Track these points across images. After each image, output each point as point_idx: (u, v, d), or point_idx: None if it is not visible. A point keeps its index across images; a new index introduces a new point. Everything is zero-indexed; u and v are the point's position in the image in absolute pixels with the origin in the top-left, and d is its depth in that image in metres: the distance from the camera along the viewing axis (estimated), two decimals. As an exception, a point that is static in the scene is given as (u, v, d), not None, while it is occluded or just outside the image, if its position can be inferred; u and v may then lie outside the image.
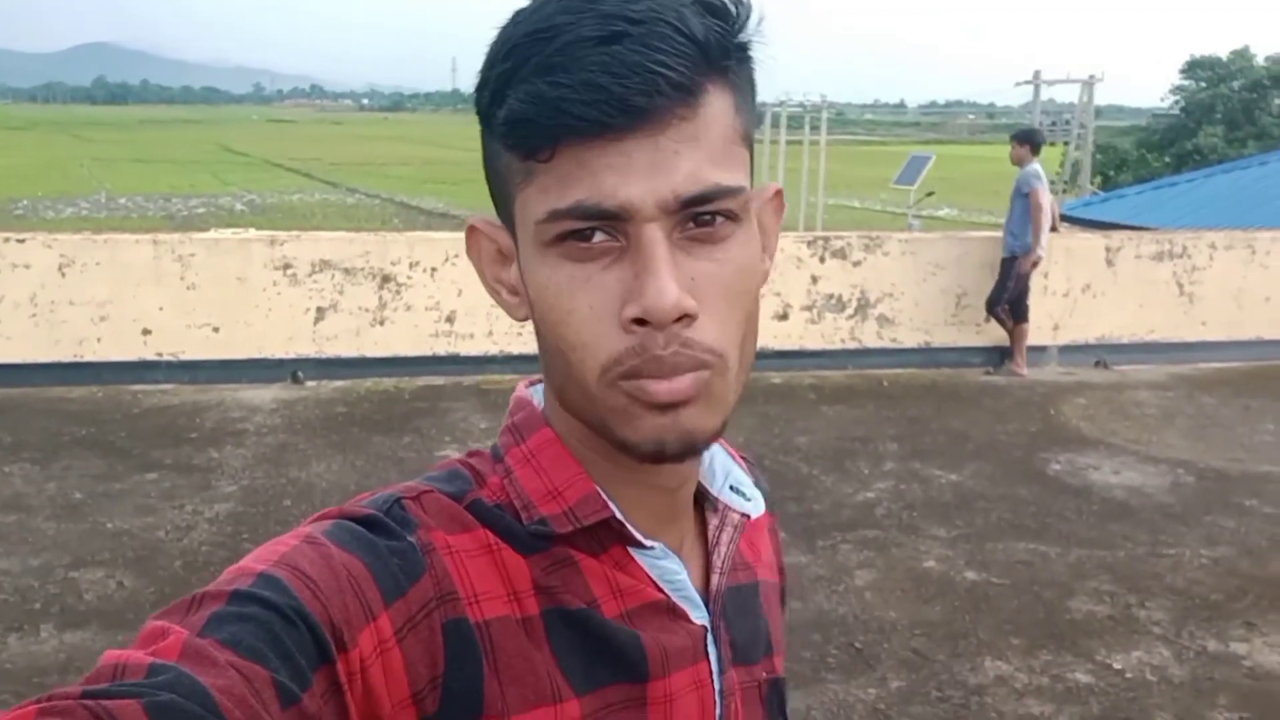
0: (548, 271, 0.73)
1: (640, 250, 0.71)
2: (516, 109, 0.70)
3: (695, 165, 0.71)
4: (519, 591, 0.78)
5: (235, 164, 57.44)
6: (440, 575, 0.75)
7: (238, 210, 34.74)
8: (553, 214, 0.71)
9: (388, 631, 0.70)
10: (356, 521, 0.75)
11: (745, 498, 0.90)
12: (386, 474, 6.57)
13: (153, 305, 8.27)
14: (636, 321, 0.71)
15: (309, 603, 0.67)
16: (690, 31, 0.70)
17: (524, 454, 0.83)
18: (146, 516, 5.90)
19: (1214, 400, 8.90)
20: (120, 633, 4.65)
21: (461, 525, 0.79)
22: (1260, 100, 39.60)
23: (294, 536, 0.73)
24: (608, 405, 0.74)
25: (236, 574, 0.69)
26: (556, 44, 0.69)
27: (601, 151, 0.70)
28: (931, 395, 8.75)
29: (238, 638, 0.63)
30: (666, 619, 0.83)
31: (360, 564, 0.71)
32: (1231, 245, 10.19)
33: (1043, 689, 4.39)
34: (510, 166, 0.75)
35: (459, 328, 8.73)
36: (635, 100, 0.68)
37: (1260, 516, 6.29)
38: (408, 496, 0.79)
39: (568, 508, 0.80)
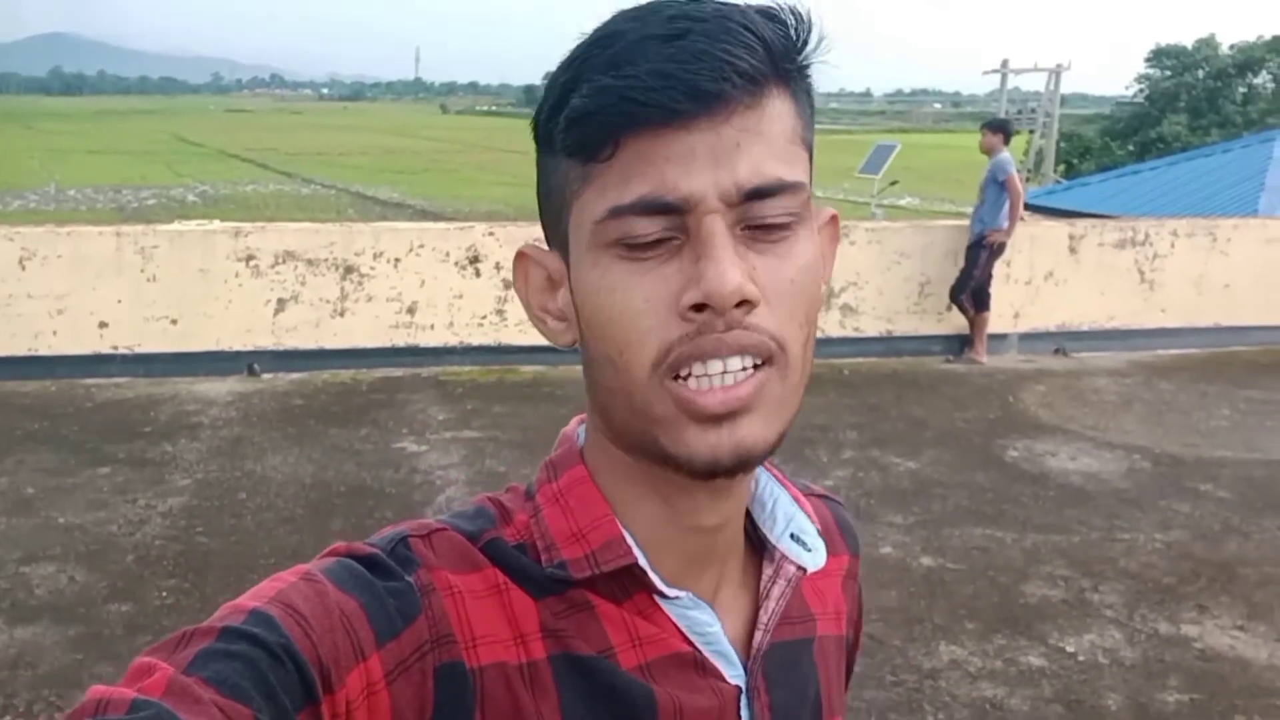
0: (601, 272, 0.71)
1: (700, 240, 0.69)
2: (579, 105, 0.69)
3: (758, 157, 0.69)
4: (525, 635, 0.76)
5: (189, 154, 56.95)
6: (437, 617, 0.73)
7: (189, 201, 34.47)
8: (614, 210, 0.69)
9: (378, 673, 0.69)
10: (358, 560, 0.74)
11: (806, 548, 0.84)
12: (343, 466, 6.54)
13: (111, 298, 8.18)
14: (695, 308, 0.68)
15: (299, 640, 0.66)
16: (756, 30, 0.70)
17: (554, 492, 0.81)
18: (99, 511, 5.84)
19: (1172, 386, 8.98)
20: (71, 627, 4.61)
21: (471, 565, 0.76)
22: (1224, 88, 39.98)
23: (293, 573, 0.72)
24: (655, 413, 0.71)
25: (230, 610, 0.68)
26: (621, 44, 0.69)
27: (665, 143, 0.68)
28: (892, 383, 8.78)
29: (222, 675, 0.62)
30: (693, 674, 0.79)
31: (355, 603, 0.70)
32: (1193, 233, 10.27)
33: (996, 672, 4.42)
34: (568, 175, 0.72)
35: (419, 319, 8.68)
36: (703, 84, 0.67)
37: (1214, 501, 6.35)
38: (416, 535, 0.77)
39: (590, 551, 0.77)
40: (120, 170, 44.55)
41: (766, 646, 0.83)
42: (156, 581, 5.05)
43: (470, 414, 7.62)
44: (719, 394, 0.69)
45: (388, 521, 4.73)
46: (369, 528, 5.62)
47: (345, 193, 39.44)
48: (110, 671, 4.23)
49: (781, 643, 0.85)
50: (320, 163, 51.77)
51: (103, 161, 49.11)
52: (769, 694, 0.83)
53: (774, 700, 0.83)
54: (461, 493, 6.16)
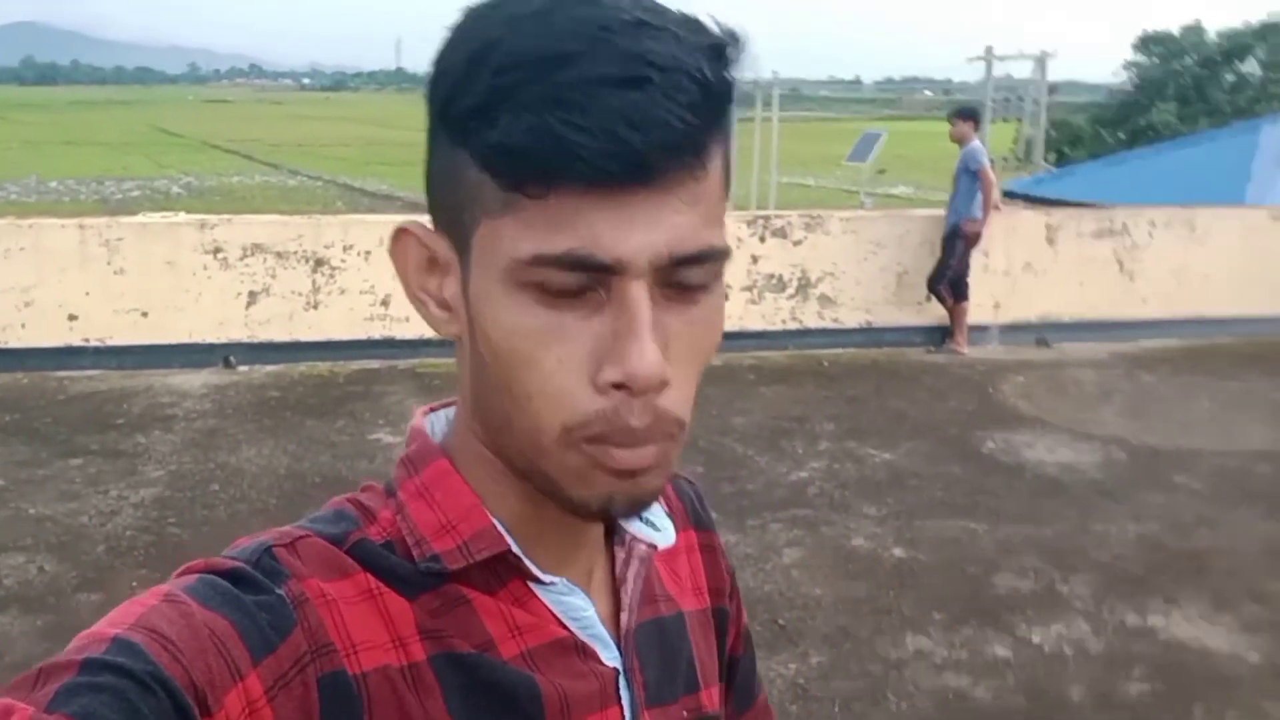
0: (516, 314, 0.68)
1: (624, 308, 0.67)
2: (519, 139, 0.64)
3: (692, 225, 0.67)
4: (403, 638, 0.74)
5: (170, 146, 56.63)
6: (314, 627, 0.70)
7: (174, 193, 34.30)
8: (538, 259, 0.66)
9: (257, 691, 0.66)
10: (221, 575, 0.71)
11: (655, 527, 0.85)
12: (318, 458, 6.53)
13: (79, 290, 8.16)
14: (615, 386, 0.67)
15: (168, 666, 0.62)
16: (707, 82, 0.66)
17: (417, 487, 0.79)
18: (70, 502, 5.83)
19: (1152, 378, 8.98)
20: (40, 617, 4.62)
21: (340, 571, 0.74)
22: (1212, 76, 39.91)
23: (153, 595, 0.68)
24: (562, 464, 0.71)
25: (88, 640, 0.64)
26: (569, 75, 0.64)
27: (601, 202, 0.65)
28: (871, 375, 8.78)
29: (89, 710, 0.59)
30: (575, 659, 0.80)
31: (225, 622, 0.67)
32: (1171, 223, 10.28)
33: (961, 663, 4.43)
34: (482, 188, 0.68)
35: (394, 311, 8.65)
36: (654, 158, 0.64)
37: (1188, 492, 6.36)
38: (280, 544, 0.74)
39: (461, 542, 0.76)
40: (101, 162, 44.31)
41: (634, 626, 0.84)
42: (127, 572, 5.06)
43: (447, 405, 7.60)
44: (627, 454, 0.70)
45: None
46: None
47: (333, 184, 39.32)
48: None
49: (648, 621, 0.86)
50: (305, 154, 51.54)
51: (81, 153, 48.88)
52: (644, 673, 0.84)
53: (648, 678, 0.84)
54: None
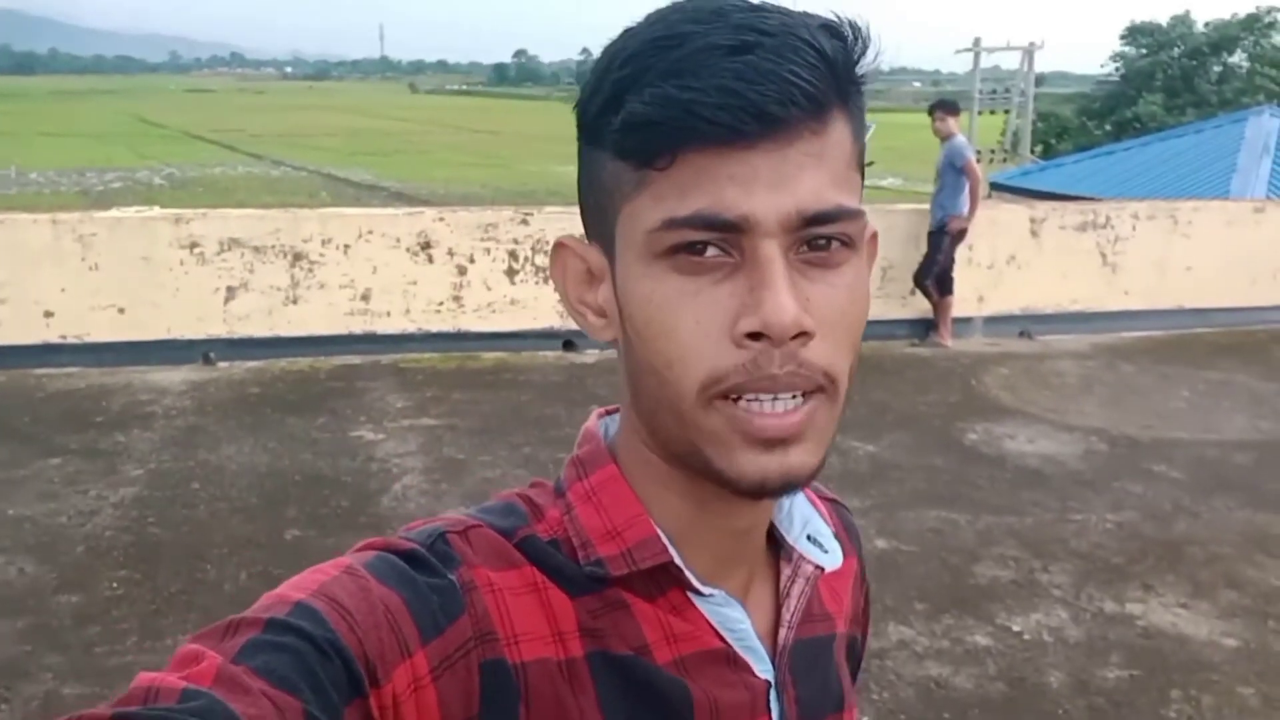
0: (652, 284, 0.71)
1: (757, 265, 0.68)
2: (640, 111, 0.68)
3: (819, 183, 0.69)
4: (563, 633, 0.76)
5: (152, 136, 56.46)
6: (480, 615, 0.73)
7: (156, 184, 34.17)
8: (669, 222, 0.69)
9: (423, 669, 0.69)
10: (398, 555, 0.74)
11: (823, 549, 0.86)
12: (299, 455, 6.51)
13: (54, 286, 8.09)
14: (751, 336, 0.68)
15: (345, 635, 0.66)
16: (821, 47, 0.68)
17: (586, 490, 0.81)
18: (49, 502, 5.80)
19: (1133, 368, 9.03)
20: (20, 619, 4.58)
21: (508, 562, 0.77)
22: (1199, 68, 40.02)
23: (334, 566, 0.72)
24: (704, 429, 0.71)
25: (274, 601, 0.68)
26: (685, 50, 0.67)
27: (725, 161, 0.67)
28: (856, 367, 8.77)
29: (271, 666, 0.63)
30: (726, 669, 0.81)
31: (399, 599, 0.70)
32: (1154, 215, 10.32)
33: (943, 651, 4.46)
34: (619, 176, 0.72)
35: (375, 305, 8.63)
36: (770, 108, 0.66)
37: (1167, 481, 6.40)
38: (453, 531, 0.77)
39: (625, 549, 0.78)
40: (83, 153, 44.16)
41: (791, 643, 0.85)
42: (107, 572, 5.02)
43: (429, 401, 7.60)
44: (772, 420, 0.70)
45: (344, 511, 4.71)
46: (324, 517, 5.65)
47: (317, 174, 39.24)
48: (59, 662, 4.24)
49: (805, 640, 0.87)
50: (288, 144, 51.44)
51: (62, 144, 48.64)
52: (796, 689, 0.85)
53: (800, 694, 0.85)
54: (418, 481, 6.14)
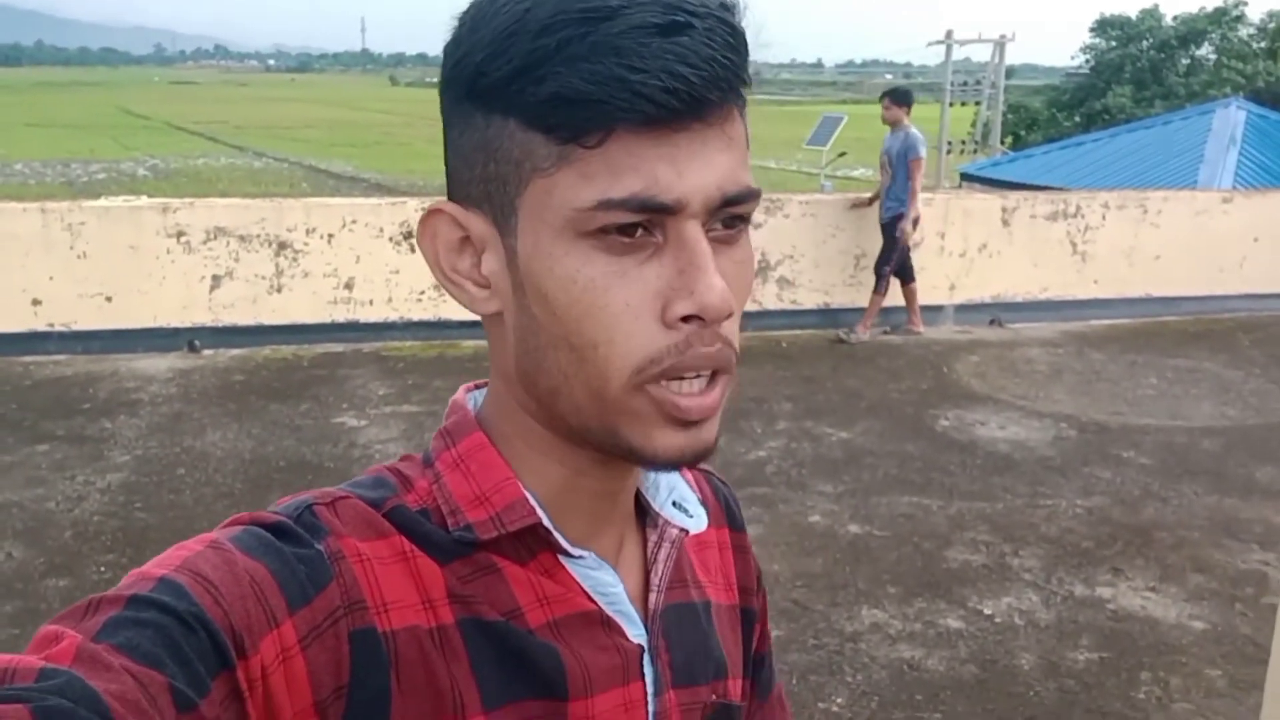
0: (576, 263, 0.70)
1: (685, 247, 0.70)
2: (578, 87, 0.67)
3: (734, 165, 0.71)
4: (433, 600, 0.76)
5: (136, 128, 56.34)
6: (348, 584, 0.73)
7: (140, 175, 34.11)
8: (604, 203, 0.69)
9: (291, 639, 0.69)
10: (265, 528, 0.73)
11: (688, 514, 0.87)
12: (282, 442, 6.58)
13: (42, 275, 8.15)
14: (685, 319, 0.70)
15: (209, 608, 0.65)
16: (738, 30, 0.70)
17: (454, 458, 0.81)
18: (37, 488, 5.86)
19: (1102, 356, 9.16)
20: (9, 603, 4.64)
21: (376, 532, 0.76)
22: (1168, 60, 40.33)
23: (198, 542, 0.71)
24: (626, 410, 0.73)
25: (136, 579, 0.67)
26: (617, 26, 0.67)
27: (657, 141, 0.68)
28: (829, 356, 8.91)
29: (133, 643, 0.62)
30: (600, 632, 0.81)
31: (265, 570, 0.70)
32: (1124, 205, 10.46)
33: (915, 634, 4.56)
34: (530, 148, 0.71)
35: (358, 294, 8.72)
36: (709, 93, 0.68)
37: (1136, 467, 6.53)
38: (321, 503, 0.77)
39: (494, 513, 0.78)
40: (67, 144, 44.01)
41: (662, 606, 0.86)
42: (95, 557, 5.09)
43: (410, 389, 7.68)
44: (695, 400, 0.72)
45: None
46: (308, 502, 5.68)
47: (298, 166, 39.21)
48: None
49: (677, 604, 0.88)
50: (270, 136, 51.42)
51: (46, 135, 48.45)
52: (669, 653, 0.86)
53: (674, 659, 0.86)
54: (400, 466, 6.22)
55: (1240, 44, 40.29)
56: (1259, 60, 39.83)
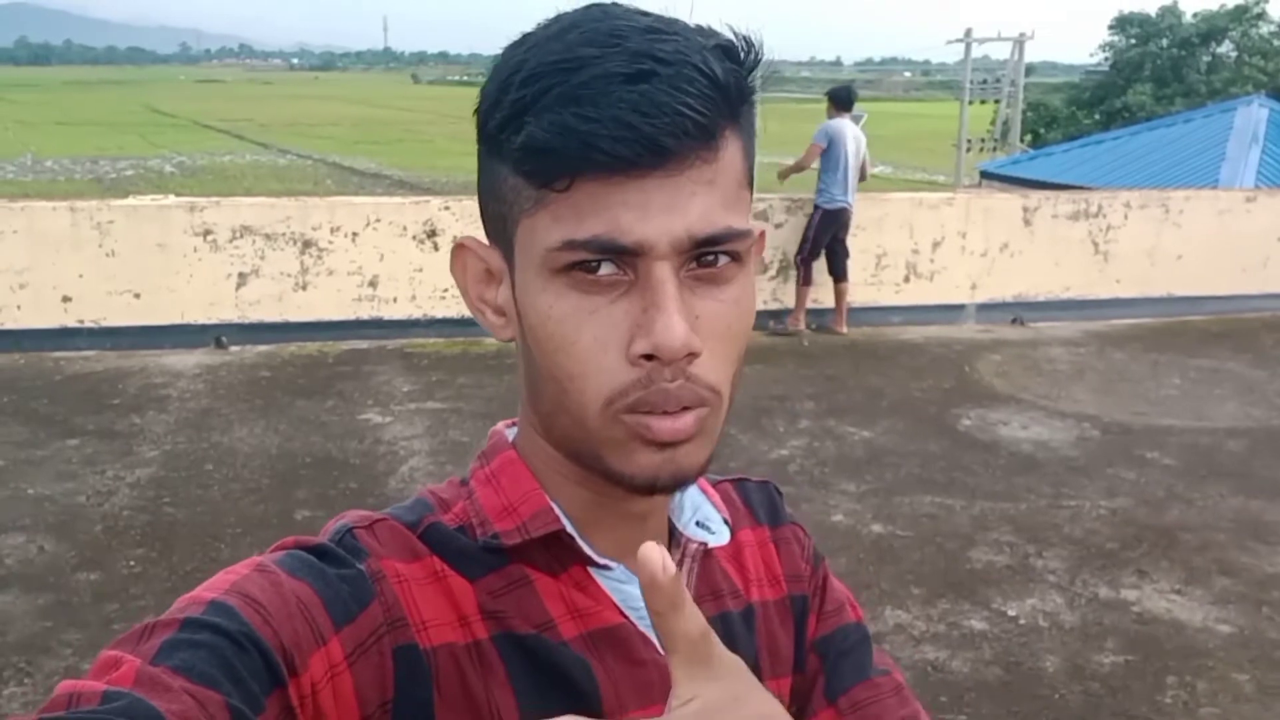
0: (551, 299, 0.74)
1: (650, 287, 0.72)
2: (539, 137, 0.70)
3: (709, 207, 0.72)
4: (467, 617, 0.79)
5: (163, 125, 56.70)
6: (390, 602, 0.76)
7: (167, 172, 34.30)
8: (568, 244, 0.72)
9: (338, 656, 0.72)
10: (307, 550, 0.76)
11: (710, 531, 0.90)
12: (309, 437, 6.63)
13: (72, 272, 8.23)
14: (645, 357, 0.72)
15: (260, 628, 0.68)
16: (714, 75, 0.71)
17: (487, 475, 0.85)
18: (68, 482, 5.92)
19: (1124, 355, 9.15)
20: (40, 596, 4.69)
21: (412, 554, 0.79)
22: (1188, 58, 40.07)
23: (245, 565, 0.74)
24: (605, 436, 0.75)
25: (188, 603, 0.70)
26: (582, 76, 0.70)
27: (621, 188, 0.70)
28: (850, 354, 8.91)
29: (190, 664, 0.64)
30: (633, 647, 0.82)
31: (310, 590, 0.73)
32: (1146, 204, 10.43)
33: (939, 635, 4.57)
34: (518, 191, 0.74)
35: (382, 291, 8.77)
36: (663, 141, 0.70)
37: (1159, 468, 6.51)
38: (360, 526, 0.80)
39: (520, 522, 0.81)
40: (96, 141, 44.31)
41: None
42: (124, 551, 5.14)
43: (434, 385, 7.73)
44: (667, 423, 0.74)
45: (353, 492, 4.83)
46: (333, 498, 5.76)
47: (322, 163, 39.37)
48: (79, 639, 4.34)
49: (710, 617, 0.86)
50: (294, 133, 51.63)
51: (76, 132, 48.76)
52: None
53: None
54: (425, 463, 6.27)
55: (1261, 41, 40.02)
56: (1280, 57, 39.60)
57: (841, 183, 9.07)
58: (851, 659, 0.99)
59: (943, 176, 32.49)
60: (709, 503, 0.93)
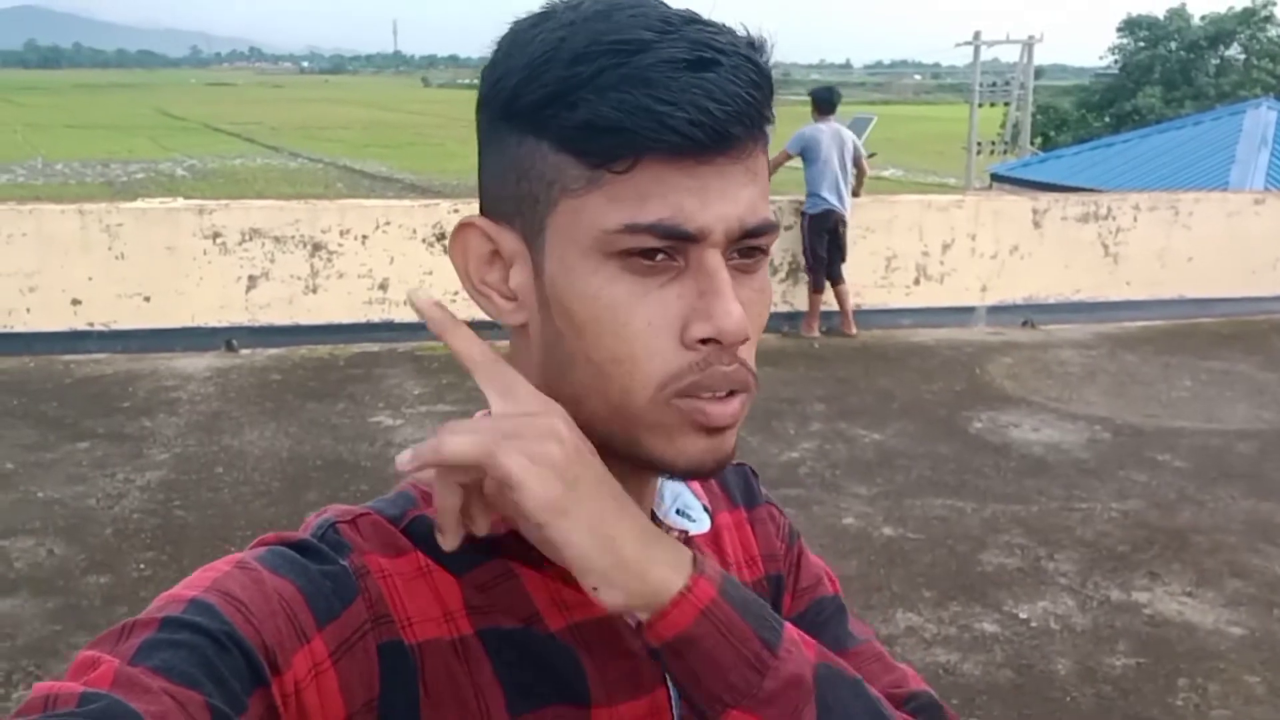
0: (601, 282, 0.73)
1: (706, 273, 0.73)
2: (608, 115, 0.70)
3: (755, 199, 0.74)
4: (452, 612, 0.78)
5: (174, 129, 56.98)
6: (374, 598, 0.75)
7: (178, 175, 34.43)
8: (630, 227, 0.71)
9: (322, 654, 0.71)
10: (290, 546, 0.76)
11: (690, 519, 0.89)
12: (319, 440, 6.64)
13: (82, 275, 8.25)
14: (702, 341, 0.73)
15: (241, 627, 0.67)
16: (761, 68, 0.73)
17: None
18: (77, 485, 5.93)
19: (1135, 358, 9.12)
20: (50, 599, 4.70)
21: (396, 549, 0.78)
22: (1197, 61, 40.11)
23: (226, 563, 0.73)
24: (652, 421, 0.75)
25: (167, 601, 0.69)
26: (648, 59, 0.70)
27: (684, 172, 0.71)
28: (861, 356, 8.90)
29: (170, 664, 0.63)
30: (620, 636, 0.82)
31: (292, 587, 0.72)
32: (1155, 206, 10.41)
33: (950, 638, 4.55)
34: (562, 169, 0.73)
35: (392, 294, 8.77)
36: (732, 128, 0.71)
37: (1171, 470, 6.49)
38: (343, 521, 0.79)
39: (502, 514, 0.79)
40: (106, 144, 44.51)
41: None
42: (134, 554, 5.15)
43: (445, 388, 7.72)
44: (719, 408, 0.74)
45: (363, 495, 4.80)
46: (344, 501, 5.71)
47: (333, 166, 39.50)
48: (88, 641, 4.34)
49: None
50: (305, 136, 51.88)
51: (86, 135, 48.97)
52: None
53: None
54: (435, 466, 6.26)
55: (1270, 44, 40.03)
56: (1289, 60, 39.55)
57: (826, 186, 9.03)
58: (828, 632, 0.97)
59: (953, 179, 32.46)
60: (688, 490, 0.92)
